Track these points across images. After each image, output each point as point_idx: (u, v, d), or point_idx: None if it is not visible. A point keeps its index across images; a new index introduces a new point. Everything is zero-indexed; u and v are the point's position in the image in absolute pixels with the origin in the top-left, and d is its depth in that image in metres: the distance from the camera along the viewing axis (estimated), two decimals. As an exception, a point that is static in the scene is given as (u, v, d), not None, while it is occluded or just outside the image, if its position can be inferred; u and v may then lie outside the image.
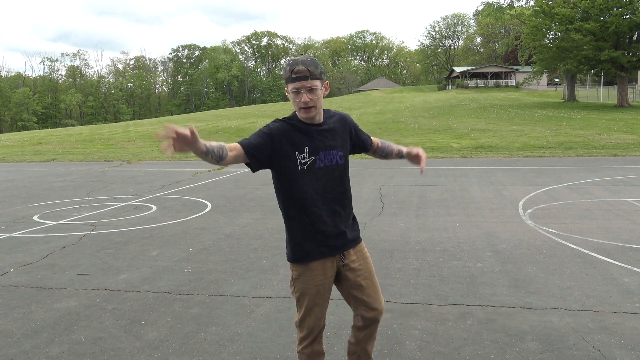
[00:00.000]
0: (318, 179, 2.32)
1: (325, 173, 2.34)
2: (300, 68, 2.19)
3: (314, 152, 2.30)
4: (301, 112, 2.25)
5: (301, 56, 2.27)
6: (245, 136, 2.29)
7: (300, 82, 2.19)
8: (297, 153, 2.27)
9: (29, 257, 5.75)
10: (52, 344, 3.47)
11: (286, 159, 2.26)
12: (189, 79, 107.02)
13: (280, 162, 2.26)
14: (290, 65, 2.21)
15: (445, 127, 25.81)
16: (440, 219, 7.27)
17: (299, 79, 2.19)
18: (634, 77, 49.77)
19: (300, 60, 2.21)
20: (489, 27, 78.55)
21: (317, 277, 2.37)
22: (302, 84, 2.19)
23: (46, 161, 19.70)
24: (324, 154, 2.33)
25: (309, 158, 2.29)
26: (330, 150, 2.35)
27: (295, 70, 2.19)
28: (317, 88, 2.22)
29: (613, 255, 5.26)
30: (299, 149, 2.27)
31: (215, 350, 3.34)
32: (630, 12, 32.63)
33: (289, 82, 2.23)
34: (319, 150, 2.31)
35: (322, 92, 2.26)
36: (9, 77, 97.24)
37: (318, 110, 2.27)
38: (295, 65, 2.20)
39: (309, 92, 2.20)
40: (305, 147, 2.28)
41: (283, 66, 2.31)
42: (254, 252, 5.76)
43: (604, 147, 17.33)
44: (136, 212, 8.38)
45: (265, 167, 2.28)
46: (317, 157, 2.31)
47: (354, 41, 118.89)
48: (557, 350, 3.22)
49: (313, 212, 2.31)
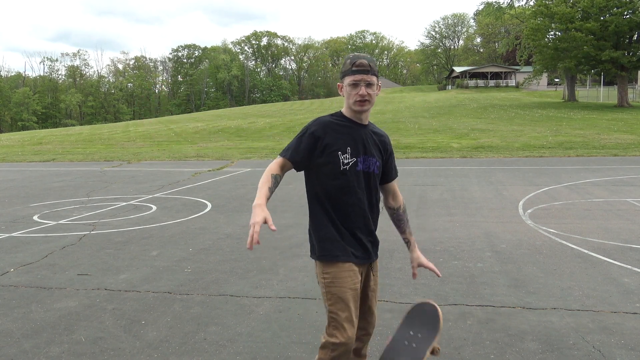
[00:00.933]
0: (358, 181, 2.32)
1: (364, 177, 2.34)
2: (363, 62, 2.25)
3: (356, 154, 2.31)
4: (356, 104, 2.28)
5: (362, 53, 2.32)
6: (245, 136, 2.30)
7: (361, 75, 2.24)
8: (340, 153, 2.28)
9: (29, 257, 5.75)
10: (52, 344, 3.47)
11: (329, 157, 2.27)
12: (189, 79, 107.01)
13: (323, 162, 2.28)
14: (352, 58, 2.27)
15: (445, 127, 25.81)
16: (440, 219, 7.27)
17: (360, 72, 2.24)
18: (634, 77, 49.77)
19: (362, 55, 2.28)
20: (489, 27, 78.52)
21: (351, 281, 2.29)
22: (363, 77, 2.24)
23: (46, 161, 19.71)
24: (364, 158, 2.33)
25: (351, 159, 2.30)
26: (370, 157, 2.35)
27: (358, 63, 2.25)
28: (375, 84, 2.28)
29: (613, 255, 5.26)
30: (342, 149, 2.28)
31: (215, 350, 3.34)
32: (630, 11, 32.64)
33: (347, 75, 2.27)
34: (359, 153, 2.32)
35: (377, 90, 2.30)
36: (9, 77, 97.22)
37: (371, 106, 2.31)
38: (357, 58, 2.26)
39: (367, 86, 2.25)
40: (347, 148, 2.29)
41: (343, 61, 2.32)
42: (254, 252, 5.76)
43: (604, 147, 17.33)
44: (136, 212, 8.38)
45: (309, 167, 2.32)
46: (359, 159, 2.32)
47: (354, 41, 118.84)
48: (557, 350, 3.22)
49: (348, 214, 2.31)
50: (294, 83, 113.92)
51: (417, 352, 2.38)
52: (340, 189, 2.29)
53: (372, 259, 2.41)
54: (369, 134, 2.37)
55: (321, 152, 2.28)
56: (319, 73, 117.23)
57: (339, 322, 2.25)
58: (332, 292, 2.27)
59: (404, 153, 17.67)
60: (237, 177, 12.87)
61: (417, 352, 2.38)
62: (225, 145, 23.05)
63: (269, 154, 19.03)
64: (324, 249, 2.31)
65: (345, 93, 2.30)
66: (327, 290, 2.29)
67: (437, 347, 2.39)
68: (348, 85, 2.27)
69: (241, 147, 21.98)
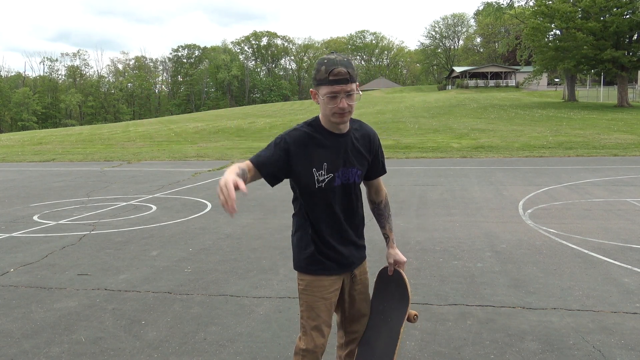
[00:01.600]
0: (333, 197, 2.17)
1: (341, 191, 2.20)
2: (341, 70, 1.96)
3: (333, 169, 2.13)
4: (335, 117, 2.05)
5: (336, 54, 2.03)
6: (245, 136, 2.27)
7: (340, 86, 1.98)
8: (314, 170, 2.10)
9: (29, 257, 5.75)
10: (52, 344, 3.47)
11: (303, 175, 2.11)
12: (189, 79, 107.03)
13: (297, 177, 2.14)
14: (327, 65, 1.98)
15: (445, 127, 25.81)
16: (440, 219, 7.27)
17: (338, 82, 1.97)
18: (634, 77, 49.78)
19: (338, 61, 1.98)
20: (489, 27, 78.57)
21: (325, 291, 2.25)
22: (342, 87, 1.98)
23: (46, 161, 19.70)
24: (343, 171, 2.17)
25: (326, 175, 2.12)
26: (349, 168, 2.18)
27: (335, 72, 1.96)
28: (355, 92, 2.03)
29: (613, 255, 5.26)
30: (317, 166, 2.10)
31: (215, 350, 3.34)
32: (630, 11, 32.65)
33: (323, 84, 2.00)
34: (338, 167, 2.14)
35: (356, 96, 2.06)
36: (9, 77, 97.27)
37: (351, 115, 2.09)
38: (333, 66, 1.97)
39: (347, 97, 2.01)
40: (324, 164, 2.11)
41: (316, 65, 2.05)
42: (254, 252, 5.76)
43: (604, 147, 17.33)
44: (136, 212, 8.38)
45: (283, 179, 2.16)
46: (336, 174, 2.15)
47: (354, 41, 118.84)
48: (557, 350, 3.22)
49: (325, 229, 2.21)
50: (294, 83, 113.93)
51: (393, 326, 2.37)
52: (316, 205, 2.17)
53: (353, 267, 2.33)
54: (349, 143, 2.16)
55: (293, 170, 2.10)
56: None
57: (307, 330, 2.26)
58: (304, 299, 2.26)
59: (404, 153, 17.67)
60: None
61: (394, 326, 2.37)
62: (225, 145, 23.05)
63: (269, 154, 19.03)
64: (300, 260, 2.27)
65: (322, 103, 2.04)
66: (300, 296, 2.28)
67: (413, 312, 2.38)
68: (325, 96, 2.00)
69: (241, 147, 21.98)
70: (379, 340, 2.39)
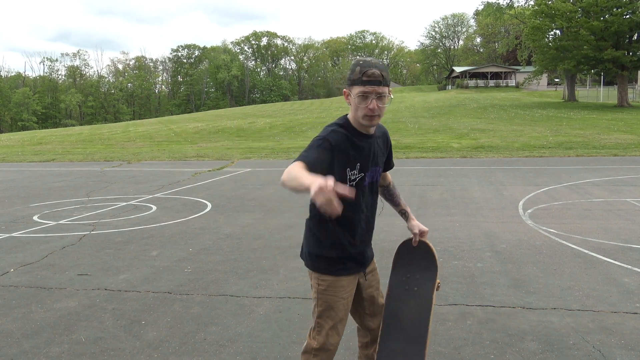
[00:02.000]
0: (362, 196, 2.22)
1: (369, 190, 2.27)
2: (375, 72, 2.02)
3: (364, 169, 2.20)
4: (365, 119, 2.09)
5: (371, 58, 2.09)
6: (245, 136, 2.26)
7: (372, 87, 2.03)
8: (348, 170, 2.14)
9: (29, 257, 5.75)
10: (52, 344, 3.47)
11: (337, 174, 2.10)
12: (189, 79, 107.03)
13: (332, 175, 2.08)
14: (362, 66, 2.04)
15: (445, 127, 25.80)
16: (440, 219, 7.27)
17: (371, 82, 2.02)
18: (634, 77, 49.78)
19: (373, 63, 2.05)
20: (489, 27, 78.51)
21: (345, 290, 2.28)
22: (374, 89, 2.03)
23: (46, 161, 19.70)
24: (372, 171, 2.25)
25: (358, 175, 2.18)
26: (375, 167, 2.27)
27: (369, 73, 2.02)
28: (386, 96, 2.07)
29: (613, 255, 5.26)
30: (351, 165, 2.14)
31: (215, 350, 3.34)
32: (630, 11, 32.66)
33: (356, 84, 2.05)
34: (368, 167, 2.21)
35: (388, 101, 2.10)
36: (9, 77, 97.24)
37: (380, 119, 2.14)
38: (368, 67, 2.03)
39: (378, 99, 2.05)
40: (357, 164, 2.16)
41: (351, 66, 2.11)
42: (254, 252, 5.76)
43: (604, 147, 17.33)
44: (136, 212, 8.38)
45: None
46: (367, 174, 2.21)
47: (354, 41, 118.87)
48: (557, 350, 3.22)
49: (350, 227, 2.23)
50: (294, 83, 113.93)
51: (422, 294, 2.40)
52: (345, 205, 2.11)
53: (368, 265, 2.39)
54: (374, 143, 2.24)
55: (333, 168, 2.10)
56: (319, 73, 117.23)
57: (324, 329, 2.28)
58: (324, 299, 2.27)
59: (404, 153, 17.67)
60: (237, 177, 12.87)
61: (424, 295, 2.40)
62: (225, 145, 23.04)
63: (269, 154, 19.04)
64: (321, 261, 2.27)
65: (353, 103, 2.10)
66: (320, 296, 2.27)
67: (438, 282, 2.43)
68: (357, 96, 2.06)
69: (241, 147, 21.98)
70: (408, 310, 2.42)
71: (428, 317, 2.36)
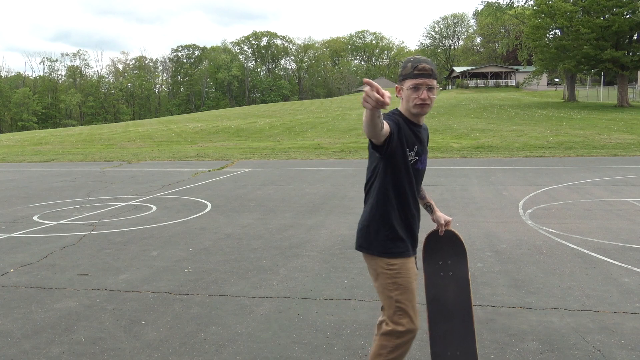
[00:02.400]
0: (416, 179, 2.43)
1: (419, 175, 2.46)
2: (425, 66, 2.28)
3: (419, 153, 2.40)
4: (416, 107, 2.32)
5: (420, 56, 2.35)
6: (245, 136, 2.29)
7: (423, 79, 2.28)
8: (408, 150, 2.34)
9: (29, 257, 5.75)
10: (52, 344, 3.47)
11: (398, 150, 2.30)
12: (189, 79, 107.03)
13: (395, 154, 2.30)
14: (413, 62, 2.31)
15: (445, 127, 25.80)
16: (440, 219, 7.26)
17: (422, 75, 2.28)
18: (634, 77, 49.77)
19: (423, 59, 2.31)
20: (489, 27, 78.51)
21: (412, 271, 2.44)
22: (425, 81, 2.28)
23: (46, 161, 19.71)
24: (424, 156, 2.45)
25: (415, 157, 2.38)
26: (425, 155, 2.48)
27: (420, 67, 2.28)
28: (435, 88, 2.33)
29: (613, 255, 5.26)
30: (410, 146, 2.35)
31: (215, 350, 3.34)
32: (631, 11, 32.66)
33: (408, 78, 2.30)
34: (422, 152, 2.42)
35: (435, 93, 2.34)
36: (9, 77, 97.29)
37: (430, 109, 2.34)
38: (419, 62, 2.29)
39: (429, 90, 2.30)
40: (415, 146, 2.37)
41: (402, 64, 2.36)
42: (254, 252, 5.76)
43: (604, 147, 17.33)
44: (136, 212, 8.38)
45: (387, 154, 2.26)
46: (420, 158, 2.42)
47: (354, 41, 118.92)
48: (557, 350, 3.22)
49: (409, 209, 2.43)
50: (294, 83, 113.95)
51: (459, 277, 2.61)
52: (402, 185, 2.37)
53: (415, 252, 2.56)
54: (423, 134, 2.46)
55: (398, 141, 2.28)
56: (319, 73, 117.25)
57: (406, 311, 2.39)
58: (399, 282, 2.39)
59: (404, 153, 17.66)
60: (237, 177, 12.87)
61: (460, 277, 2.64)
62: (225, 145, 23.05)
63: (269, 154, 19.03)
64: (388, 246, 2.40)
65: (405, 96, 2.34)
66: (394, 281, 2.39)
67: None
68: (409, 88, 2.30)
69: (241, 147, 21.98)
70: (449, 293, 2.61)
71: (469, 297, 2.61)
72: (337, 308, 3.99)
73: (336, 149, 19.89)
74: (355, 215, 7.60)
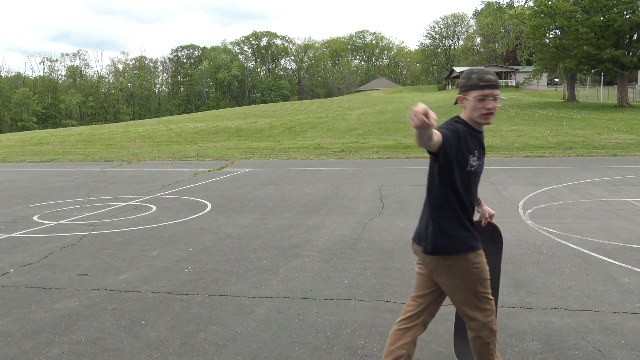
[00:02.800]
0: (476, 182, 2.56)
1: (477, 176, 2.57)
2: (491, 77, 2.41)
3: (480, 158, 2.52)
4: (482, 117, 2.45)
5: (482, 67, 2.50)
6: (245, 136, 2.29)
7: (490, 90, 2.41)
8: (470, 155, 2.45)
9: (29, 257, 5.75)
10: (52, 344, 3.47)
11: (461, 158, 2.42)
12: (188, 79, 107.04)
13: (456, 159, 2.41)
14: (478, 73, 2.43)
15: (445, 127, 25.78)
16: (440, 219, 7.26)
17: (489, 86, 2.41)
18: (634, 77, 49.76)
19: (488, 71, 2.44)
20: (489, 27, 78.48)
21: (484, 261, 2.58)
22: (492, 92, 2.41)
23: (46, 161, 19.71)
24: (482, 159, 2.57)
25: (476, 162, 2.49)
26: (484, 158, 2.60)
27: (486, 78, 2.41)
28: (499, 97, 2.45)
29: (613, 255, 5.26)
30: (472, 152, 2.46)
31: (215, 350, 3.34)
32: (631, 11, 32.65)
33: (474, 89, 2.42)
34: (482, 157, 2.56)
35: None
36: (9, 77, 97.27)
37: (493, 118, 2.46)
38: (485, 74, 2.42)
39: (494, 100, 2.43)
40: (475, 152, 2.48)
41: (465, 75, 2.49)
42: (254, 252, 5.76)
43: (604, 147, 17.33)
44: (136, 212, 8.38)
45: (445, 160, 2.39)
46: (480, 163, 2.53)
47: (354, 41, 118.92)
48: (557, 350, 3.22)
49: (471, 207, 2.56)
50: (294, 83, 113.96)
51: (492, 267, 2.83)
52: (465, 187, 2.48)
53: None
54: (483, 140, 2.58)
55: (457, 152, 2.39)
56: (319, 73, 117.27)
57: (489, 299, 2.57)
58: (484, 277, 2.55)
59: (404, 153, 17.67)
60: (237, 177, 12.87)
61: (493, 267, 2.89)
62: (225, 145, 23.05)
63: (269, 154, 19.04)
64: (467, 243, 2.50)
65: (470, 106, 2.44)
66: (480, 277, 2.54)
67: None
68: (475, 99, 2.41)
69: (241, 147, 21.98)
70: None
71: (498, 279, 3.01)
72: (337, 308, 3.99)
73: (336, 149, 19.89)
74: (355, 215, 7.60)
